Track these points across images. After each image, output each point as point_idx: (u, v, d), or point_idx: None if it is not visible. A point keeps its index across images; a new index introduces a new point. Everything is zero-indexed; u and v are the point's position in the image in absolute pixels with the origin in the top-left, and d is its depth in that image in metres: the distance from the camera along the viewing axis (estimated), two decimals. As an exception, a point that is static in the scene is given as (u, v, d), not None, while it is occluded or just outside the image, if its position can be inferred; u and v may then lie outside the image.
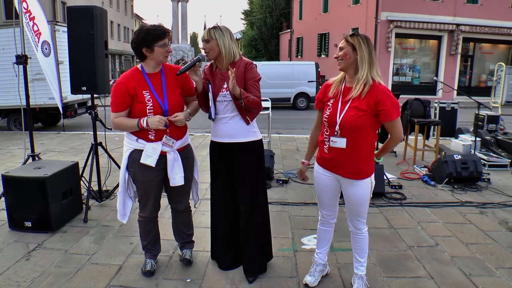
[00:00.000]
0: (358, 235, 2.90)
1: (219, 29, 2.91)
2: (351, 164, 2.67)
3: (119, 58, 45.37)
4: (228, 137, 3.04)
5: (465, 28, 21.74)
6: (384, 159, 6.91)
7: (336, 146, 2.68)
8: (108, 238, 3.92)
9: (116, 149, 7.51)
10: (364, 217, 2.86)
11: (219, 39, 2.88)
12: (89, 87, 4.42)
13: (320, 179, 2.90)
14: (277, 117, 14.05)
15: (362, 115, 2.57)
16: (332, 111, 2.70)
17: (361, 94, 2.57)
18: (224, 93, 2.97)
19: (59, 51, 9.45)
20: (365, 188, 2.73)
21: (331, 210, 2.99)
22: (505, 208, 4.80)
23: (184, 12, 27.72)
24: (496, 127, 8.43)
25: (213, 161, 3.21)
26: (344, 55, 2.62)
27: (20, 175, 3.99)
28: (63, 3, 29.63)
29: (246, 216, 3.15)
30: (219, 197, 3.25)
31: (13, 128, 10.72)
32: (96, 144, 4.74)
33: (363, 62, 2.57)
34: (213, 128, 3.13)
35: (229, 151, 3.08)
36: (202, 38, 2.96)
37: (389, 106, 2.55)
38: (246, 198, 3.13)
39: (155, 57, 2.88)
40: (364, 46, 2.57)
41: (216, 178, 3.24)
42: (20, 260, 3.46)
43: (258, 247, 3.21)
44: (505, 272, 3.32)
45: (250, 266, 3.21)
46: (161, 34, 2.83)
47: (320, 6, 28.81)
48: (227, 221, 3.27)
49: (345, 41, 2.63)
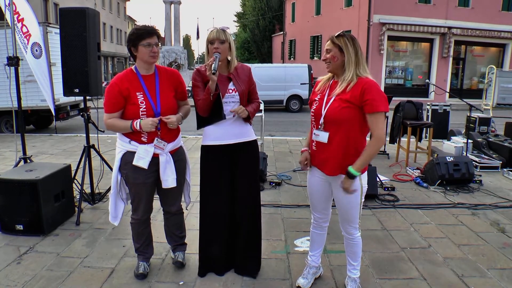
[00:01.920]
0: (351, 240, 2.88)
1: (228, 33, 2.94)
2: (336, 160, 2.62)
3: (112, 60, 45.19)
4: (235, 138, 3.03)
5: (456, 31, 21.94)
6: (377, 161, 6.95)
7: (319, 140, 2.68)
8: (101, 241, 3.89)
9: (109, 152, 7.46)
10: (356, 223, 2.81)
11: (231, 43, 2.93)
12: (82, 89, 4.39)
13: (312, 182, 2.90)
14: (270, 119, 14.06)
15: (345, 106, 2.53)
16: (318, 105, 2.70)
17: (346, 89, 2.56)
18: (232, 94, 2.97)
19: (52, 52, 9.39)
20: (355, 191, 2.67)
21: (323, 213, 2.98)
22: (496, 210, 4.84)
23: (176, 14, 27.64)
24: (488, 129, 8.51)
25: (210, 165, 3.09)
26: (332, 58, 2.61)
27: (12, 177, 3.95)
28: (56, 5, 29.49)
29: (249, 216, 3.18)
30: (216, 202, 3.14)
31: (4, 131, 10.63)
32: (88, 147, 4.71)
33: (350, 64, 2.56)
34: (212, 131, 3.02)
35: (231, 153, 3.06)
36: (217, 37, 2.85)
37: (375, 96, 2.47)
38: (249, 198, 3.15)
39: (141, 57, 2.88)
40: (350, 47, 2.55)
41: (212, 183, 3.11)
42: (11, 263, 3.42)
43: (259, 246, 3.30)
44: (497, 273, 3.34)
45: (254, 266, 3.30)
46: (144, 33, 2.83)
47: (312, 8, 28.92)
48: (225, 225, 3.21)
49: (331, 43, 2.61)
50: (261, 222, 3.30)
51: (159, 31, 2.97)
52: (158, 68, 3.04)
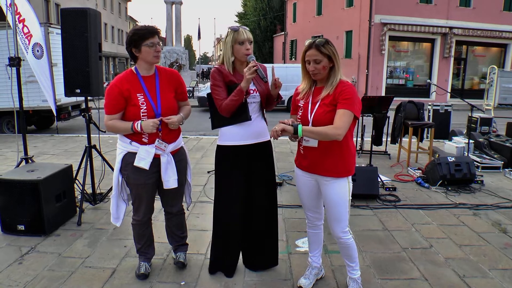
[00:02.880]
0: (343, 244, 2.86)
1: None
2: (326, 162, 2.66)
3: (113, 61, 45.25)
4: (254, 138, 3.03)
5: (458, 31, 21.93)
6: (378, 162, 6.95)
7: (309, 145, 2.70)
8: (102, 241, 3.90)
9: (110, 152, 7.48)
10: (344, 223, 2.78)
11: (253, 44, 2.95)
12: (83, 90, 4.39)
13: (300, 182, 2.92)
14: (271, 119, 13.98)
15: (330, 110, 2.56)
16: (304, 111, 2.71)
17: (329, 92, 2.58)
18: (253, 94, 2.98)
19: (53, 53, 9.40)
20: (343, 188, 2.70)
21: (315, 212, 3.01)
22: (498, 210, 4.83)
23: (178, 14, 27.65)
24: (489, 129, 8.49)
25: (226, 165, 3.08)
26: (323, 69, 2.58)
27: (13, 178, 3.96)
28: (57, 5, 29.54)
29: (266, 214, 3.21)
30: (231, 202, 3.12)
31: (6, 131, 10.64)
32: (90, 147, 4.71)
33: (338, 70, 2.59)
34: (232, 131, 3.00)
35: (248, 153, 3.04)
36: (248, 38, 2.87)
37: (351, 96, 2.49)
38: (265, 199, 3.18)
39: (144, 57, 2.87)
40: (337, 54, 2.58)
41: (228, 183, 3.11)
42: (12, 264, 3.43)
43: (274, 242, 3.35)
44: (498, 273, 3.34)
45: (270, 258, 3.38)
46: (147, 33, 2.81)
47: (314, 9, 28.93)
48: (240, 225, 3.19)
49: (319, 53, 2.55)
50: (277, 223, 3.34)
51: (160, 30, 2.96)
52: (158, 68, 3.04)
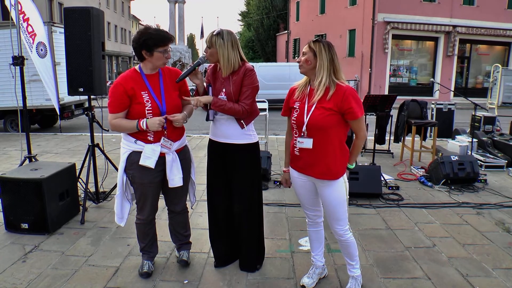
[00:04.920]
0: (343, 242, 2.89)
1: (221, 37, 2.88)
2: (321, 164, 2.70)
3: (116, 60, 45.29)
4: (223, 138, 3.12)
5: (461, 30, 21.83)
6: (381, 160, 6.94)
7: (303, 146, 2.73)
8: (105, 239, 3.91)
9: (113, 151, 7.50)
10: (344, 222, 2.83)
11: (218, 49, 2.90)
12: (86, 88, 4.40)
13: (296, 184, 2.95)
14: (274, 118, 13.99)
15: (328, 114, 2.61)
16: (299, 113, 2.74)
17: (326, 97, 2.62)
18: (222, 96, 3.01)
19: (56, 52, 9.41)
20: (339, 188, 2.74)
21: (315, 210, 3.02)
22: (501, 209, 4.82)
23: (181, 13, 27.68)
24: (493, 128, 8.46)
25: (210, 158, 3.27)
26: (305, 61, 2.68)
27: (17, 176, 3.97)
28: (60, 4, 29.57)
29: (238, 216, 3.25)
30: (215, 194, 3.30)
31: (9, 130, 10.68)
32: (93, 146, 4.72)
33: (321, 69, 2.63)
34: (211, 127, 3.21)
35: (225, 151, 3.15)
36: (206, 41, 2.99)
37: (353, 105, 2.59)
38: (239, 198, 3.21)
39: (153, 62, 2.89)
40: (324, 53, 2.62)
41: (213, 176, 3.28)
42: (16, 262, 3.44)
43: (251, 247, 3.31)
44: (502, 272, 3.33)
45: (252, 262, 3.34)
46: (163, 40, 2.83)
47: (317, 7, 28.84)
48: (222, 218, 3.32)
49: (308, 47, 2.69)
50: (261, 221, 3.34)
51: (174, 38, 2.97)
52: (161, 68, 3.04)
